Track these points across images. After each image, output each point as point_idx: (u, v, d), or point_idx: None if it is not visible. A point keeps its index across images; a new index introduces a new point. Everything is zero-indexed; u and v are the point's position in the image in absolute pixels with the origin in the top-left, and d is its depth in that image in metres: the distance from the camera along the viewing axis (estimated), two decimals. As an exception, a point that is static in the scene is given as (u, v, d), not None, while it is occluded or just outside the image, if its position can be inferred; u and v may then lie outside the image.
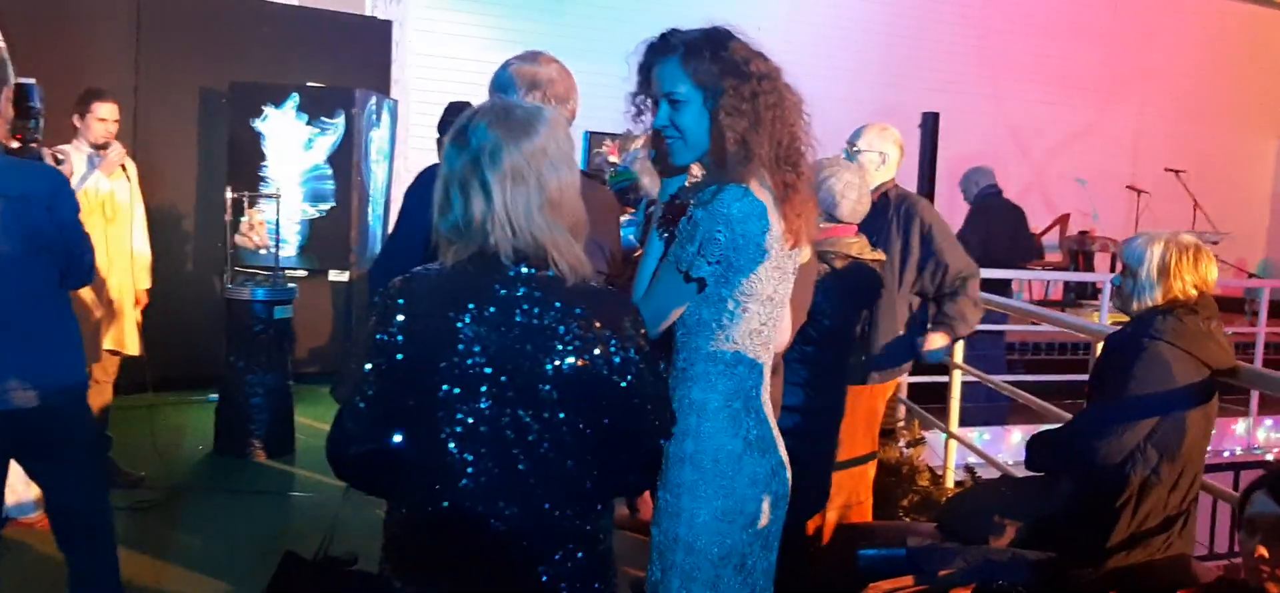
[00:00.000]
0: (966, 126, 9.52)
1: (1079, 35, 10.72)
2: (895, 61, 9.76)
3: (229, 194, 6.20)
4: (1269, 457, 7.08)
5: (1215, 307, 2.86)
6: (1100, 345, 3.08)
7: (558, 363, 1.67)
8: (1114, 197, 10.50)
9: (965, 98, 9.83)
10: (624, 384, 1.72)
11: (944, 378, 5.31)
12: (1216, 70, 11.43)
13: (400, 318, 1.70)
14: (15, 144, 3.22)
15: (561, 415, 1.69)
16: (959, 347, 5.03)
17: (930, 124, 7.64)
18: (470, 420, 1.68)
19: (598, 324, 1.70)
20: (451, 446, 1.68)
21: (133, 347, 5.00)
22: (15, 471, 3.18)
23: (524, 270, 1.69)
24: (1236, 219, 11.18)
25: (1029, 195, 10.49)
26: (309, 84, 6.76)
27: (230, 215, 6.22)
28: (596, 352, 1.69)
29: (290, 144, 6.70)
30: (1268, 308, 7.57)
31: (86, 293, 4.56)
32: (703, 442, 2.04)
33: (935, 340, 3.92)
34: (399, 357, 1.70)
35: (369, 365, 1.73)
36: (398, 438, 1.75)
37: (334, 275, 7.02)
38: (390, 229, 3.21)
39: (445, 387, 1.68)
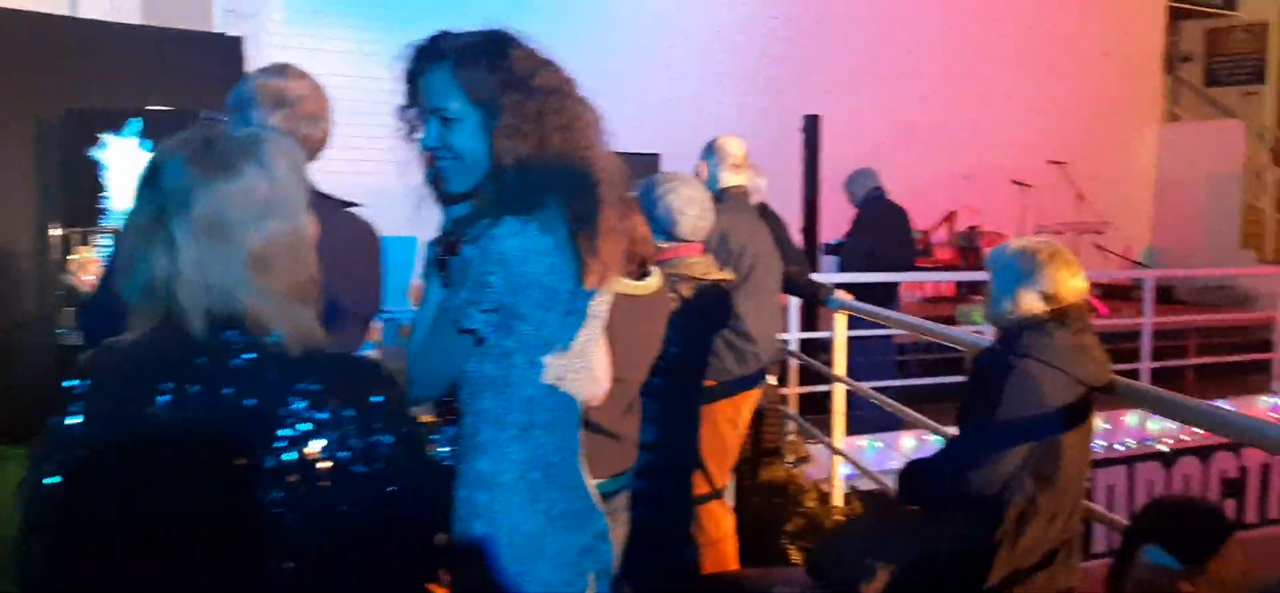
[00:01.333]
0: (849, 128, 9.38)
1: (959, 32, 10.70)
2: (775, 65, 9.58)
3: (58, 231, 5.69)
4: (1160, 447, 7.04)
5: (1088, 318, 2.64)
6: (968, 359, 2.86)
7: (281, 453, 1.34)
8: (1000, 191, 10.48)
9: (848, 99, 9.70)
10: (371, 472, 1.39)
11: (825, 387, 5.10)
12: (1094, 61, 11.54)
13: (81, 405, 1.36)
14: None
15: (288, 520, 1.35)
16: (842, 353, 4.81)
17: (812, 127, 7.44)
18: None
19: (334, 402, 1.37)
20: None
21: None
22: None
23: (233, 338, 1.35)
24: (1120, 208, 11.29)
25: (916, 194, 10.44)
26: (152, 108, 6.26)
27: (61, 253, 5.71)
28: (332, 436, 1.36)
29: (133, 174, 6.18)
30: (1154, 295, 7.54)
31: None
32: (496, 522, 1.72)
33: None
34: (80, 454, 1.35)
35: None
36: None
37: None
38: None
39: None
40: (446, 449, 2.02)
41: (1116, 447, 6.72)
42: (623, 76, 8.70)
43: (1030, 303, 2.61)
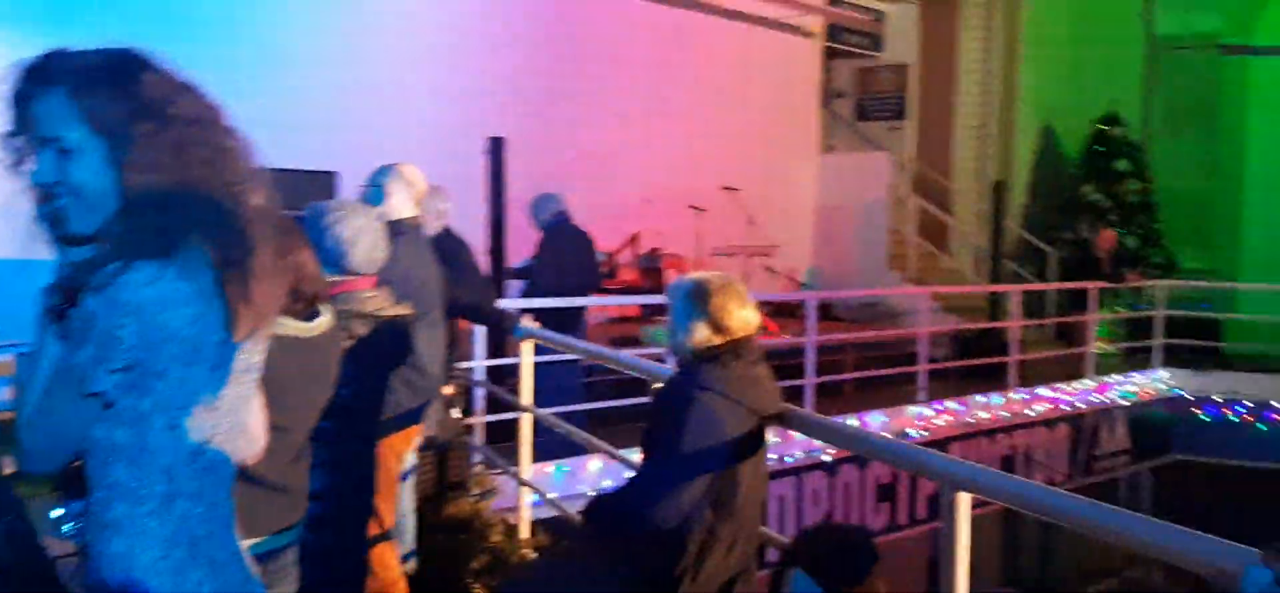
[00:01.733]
0: (536, 151, 9.42)
1: (640, 59, 11.04)
2: (463, 84, 9.46)
3: None
4: (826, 458, 7.52)
5: (760, 348, 2.72)
6: (653, 388, 2.87)
7: None
8: (679, 215, 10.90)
9: (535, 121, 9.74)
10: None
11: (512, 415, 5.03)
12: (761, 94, 12.29)
13: None
14: None
15: None
16: (528, 382, 4.75)
17: (497, 149, 7.38)
18: None
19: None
20: None
21: None
22: None
23: None
24: (786, 232, 12.08)
25: (601, 216, 10.65)
26: None
27: None
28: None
29: None
30: (817, 313, 8.06)
31: None
32: (133, 610, 1.49)
33: None
34: None
35: None
36: None
37: None
38: None
39: None
40: (71, 529, 1.75)
41: (786, 460, 7.12)
42: (298, 91, 8.27)
43: (705, 335, 2.65)
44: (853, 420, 7.94)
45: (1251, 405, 11.07)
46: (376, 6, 9.04)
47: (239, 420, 1.67)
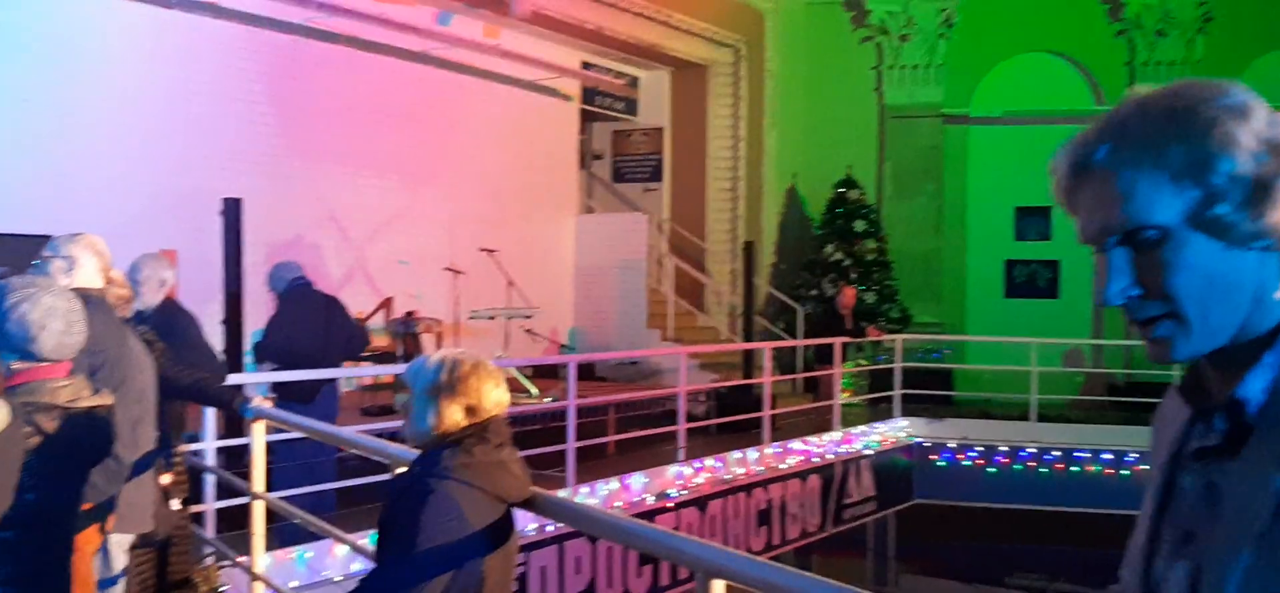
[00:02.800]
0: (279, 212, 8.93)
1: (388, 118, 10.71)
2: (196, 145, 8.83)
3: None
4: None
5: (507, 431, 2.55)
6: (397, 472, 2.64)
7: None
8: (436, 278, 10.62)
9: (276, 181, 9.23)
10: None
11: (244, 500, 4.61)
12: (518, 155, 12.22)
13: None
14: None
15: None
16: (260, 465, 4.37)
17: (233, 211, 6.90)
18: None
19: None
20: None
21: None
22: None
23: None
24: (546, 293, 12.00)
25: (352, 279, 10.21)
26: None
27: None
28: None
29: None
30: (576, 374, 7.94)
31: None
32: None
33: None
34: None
35: None
36: None
37: None
38: None
39: None
40: None
41: (547, 528, 6.95)
42: (13, 147, 7.48)
43: (453, 417, 2.46)
44: (615, 483, 7.88)
45: (981, 449, 11.86)
46: (103, 59, 8.33)
47: None
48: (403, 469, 2.73)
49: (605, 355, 11.90)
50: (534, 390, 9.20)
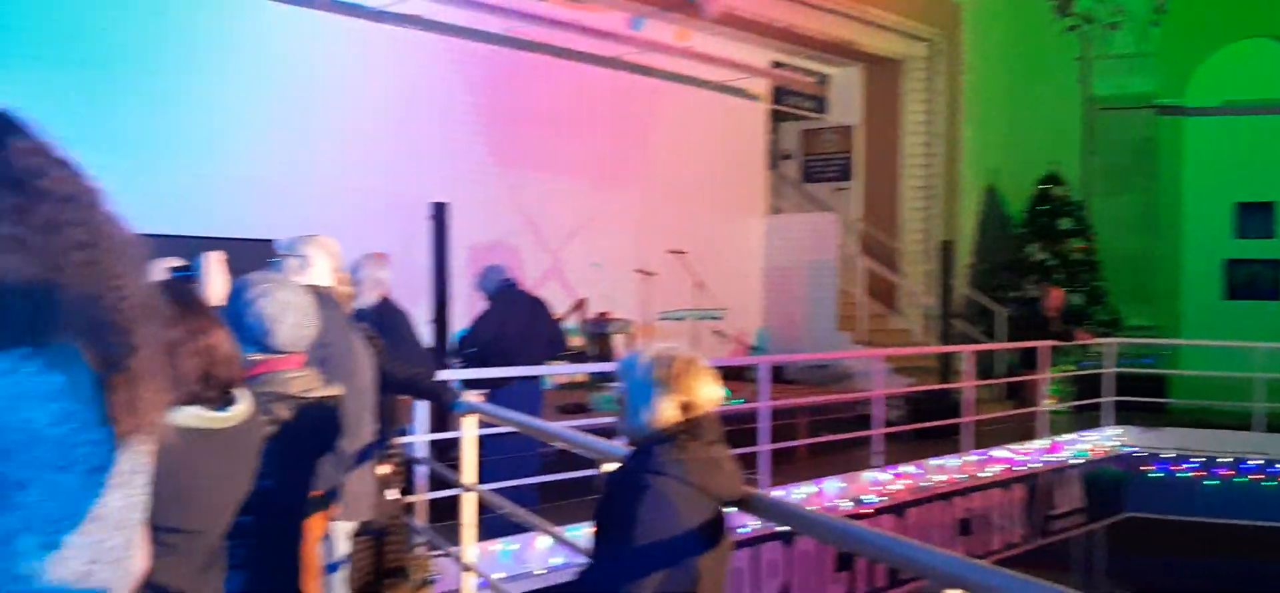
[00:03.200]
0: (480, 216, 9.23)
1: (582, 123, 10.93)
2: (407, 151, 9.26)
3: None
4: (782, 526, 7.31)
5: (720, 429, 2.52)
6: (603, 468, 2.66)
7: None
8: (627, 279, 10.75)
9: (475, 186, 9.55)
10: None
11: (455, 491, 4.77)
12: (707, 157, 12.23)
13: None
14: None
15: None
16: (471, 458, 4.50)
17: (440, 214, 7.19)
18: None
19: None
20: None
21: None
22: None
23: None
24: (734, 294, 11.96)
25: (547, 281, 10.46)
26: None
27: None
28: None
29: None
30: (771, 377, 7.86)
31: None
32: None
33: None
34: None
35: None
36: None
37: None
38: None
39: None
40: None
41: (740, 530, 6.90)
42: (236, 157, 8.01)
43: (668, 413, 2.45)
44: (810, 487, 7.76)
45: (1201, 461, 11.08)
46: (320, 73, 8.83)
47: (130, 535, 1.44)
48: (614, 465, 2.74)
49: (798, 357, 11.73)
50: (726, 392, 9.15)
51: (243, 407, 2.35)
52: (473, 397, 4.66)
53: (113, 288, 1.34)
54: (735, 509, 2.56)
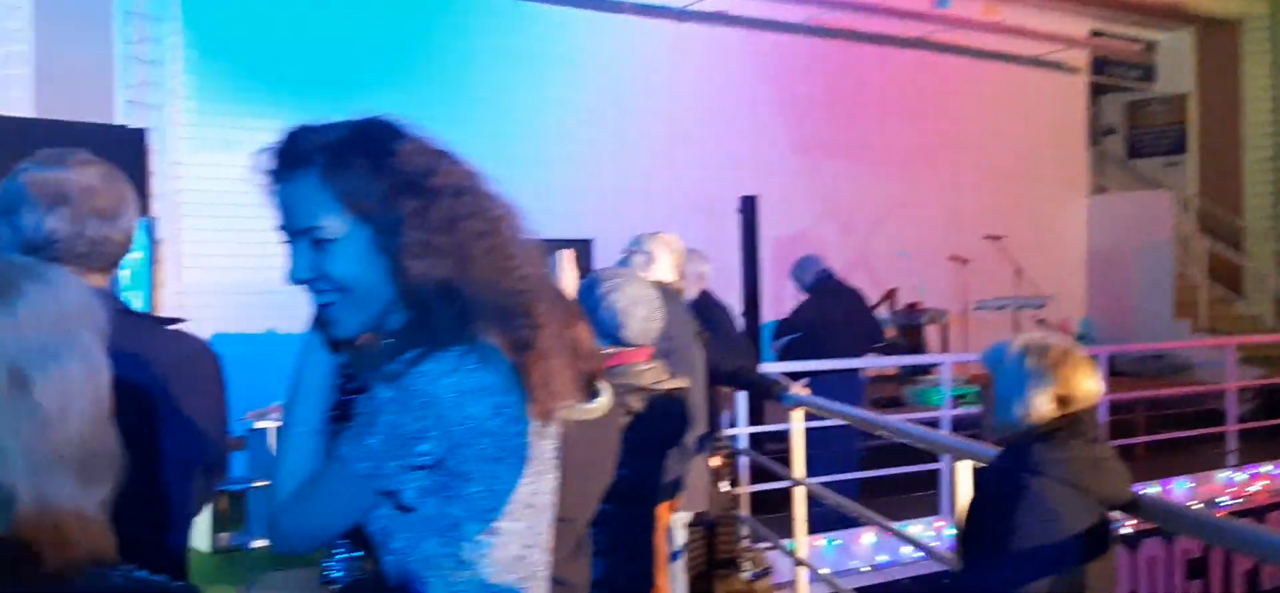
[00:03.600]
0: (784, 208, 9.17)
1: (886, 108, 10.63)
2: (717, 146, 9.36)
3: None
4: (1125, 530, 6.77)
5: (1101, 425, 2.30)
6: (956, 466, 2.50)
7: None
8: (939, 268, 10.34)
9: (780, 178, 9.49)
10: None
11: (782, 484, 4.72)
12: (1022, 136, 11.54)
13: None
14: None
15: None
16: (800, 452, 4.44)
17: (749, 208, 7.18)
18: None
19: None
20: None
21: None
22: None
23: None
24: (1055, 281, 11.20)
25: (854, 272, 10.23)
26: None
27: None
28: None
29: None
30: (1106, 369, 7.28)
31: None
32: None
33: None
34: None
35: None
36: None
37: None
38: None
39: None
40: (340, 574, 1.68)
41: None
42: (551, 161, 8.39)
43: (1044, 408, 2.26)
44: (1155, 488, 7.12)
45: None
46: (628, 76, 9.10)
47: (552, 519, 1.50)
48: (977, 464, 2.57)
49: (1134, 347, 10.77)
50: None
51: (606, 398, 2.40)
52: (798, 389, 4.60)
53: (513, 270, 1.38)
54: (1119, 514, 2.34)
